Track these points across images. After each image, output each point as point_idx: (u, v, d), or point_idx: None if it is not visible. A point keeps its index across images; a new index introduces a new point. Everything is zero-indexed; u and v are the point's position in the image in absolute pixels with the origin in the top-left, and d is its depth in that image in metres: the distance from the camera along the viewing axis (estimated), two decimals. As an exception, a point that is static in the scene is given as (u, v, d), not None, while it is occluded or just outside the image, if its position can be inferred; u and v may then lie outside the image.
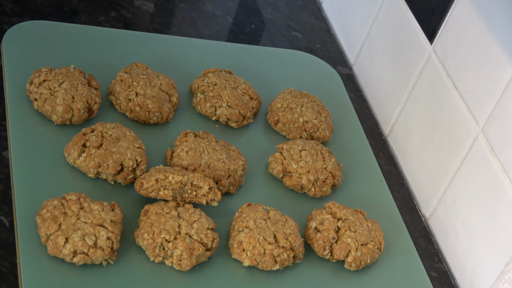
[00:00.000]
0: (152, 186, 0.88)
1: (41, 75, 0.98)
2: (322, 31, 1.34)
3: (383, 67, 1.20)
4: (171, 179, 0.88)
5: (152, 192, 0.88)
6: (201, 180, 0.89)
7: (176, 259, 0.86)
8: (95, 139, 0.93)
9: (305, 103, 1.09)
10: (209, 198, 0.90)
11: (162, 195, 0.88)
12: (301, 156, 1.01)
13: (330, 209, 0.96)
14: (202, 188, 0.89)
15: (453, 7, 1.05)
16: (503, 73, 0.95)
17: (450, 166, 1.03)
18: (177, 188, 0.88)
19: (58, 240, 0.82)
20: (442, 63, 1.07)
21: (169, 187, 0.88)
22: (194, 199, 0.90)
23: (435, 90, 1.08)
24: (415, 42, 1.12)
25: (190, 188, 0.89)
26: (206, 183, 0.89)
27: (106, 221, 0.85)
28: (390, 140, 1.17)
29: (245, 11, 1.32)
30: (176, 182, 0.88)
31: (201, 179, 0.89)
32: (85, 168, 0.92)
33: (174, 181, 0.88)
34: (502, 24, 0.95)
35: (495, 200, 0.95)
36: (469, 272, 0.99)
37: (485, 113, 0.98)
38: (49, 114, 0.96)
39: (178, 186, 0.88)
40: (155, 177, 0.88)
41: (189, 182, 0.89)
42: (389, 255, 0.98)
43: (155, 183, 0.88)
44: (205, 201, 0.90)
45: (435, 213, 1.06)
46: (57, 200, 0.85)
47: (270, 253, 0.89)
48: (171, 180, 0.88)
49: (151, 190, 0.88)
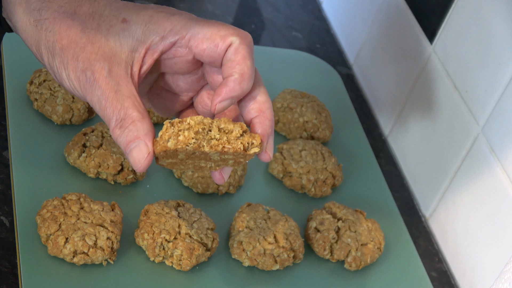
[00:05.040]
0: (167, 131, 0.65)
1: (41, 75, 0.98)
2: (322, 31, 1.34)
3: (383, 67, 1.20)
4: (189, 121, 0.66)
5: (170, 139, 0.65)
6: (230, 123, 0.67)
7: (176, 259, 0.86)
8: (95, 139, 0.93)
9: (305, 103, 1.09)
10: (246, 142, 0.67)
11: (182, 141, 0.65)
12: (301, 156, 1.01)
13: (330, 209, 0.96)
14: (234, 131, 0.67)
15: (453, 7, 1.05)
16: (503, 73, 0.95)
17: (450, 166, 1.03)
18: (200, 131, 0.66)
19: (58, 240, 0.82)
20: (442, 63, 1.06)
21: (190, 129, 0.66)
22: (226, 145, 0.66)
23: (435, 90, 1.08)
24: (415, 42, 1.12)
25: (218, 134, 0.67)
26: (237, 126, 0.67)
27: (106, 221, 0.85)
28: (390, 140, 1.17)
29: (245, 11, 1.32)
30: (197, 123, 0.66)
31: (229, 122, 0.67)
32: (85, 168, 0.92)
33: (194, 122, 0.66)
34: (502, 24, 0.95)
35: (495, 200, 0.95)
36: (469, 272, 0.99)
37: (485, 113, 0.98)
38: (49, 114, 0.96)
39: (200, 128, 0.66)
40: (168, 122, 0.66)
41: (214, 125, 0.66)
42: (389, 255, 0.98)
43: (169, 127, 0.66)
44: (241, 146, 0.67)
45: (435, 213, 1.06)
46: (57, 200, 0.85)
47: (270, 253, 0.89)
48: (190, 122, 0.66)
49: (167, 137, 0.65)
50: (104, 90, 0.65)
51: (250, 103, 0.68)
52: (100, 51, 0.65)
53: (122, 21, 0.66)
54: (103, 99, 0.65)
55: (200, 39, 0.66)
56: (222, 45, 0.66)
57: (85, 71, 0.65)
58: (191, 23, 0.66)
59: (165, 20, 0.66)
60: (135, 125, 0.64)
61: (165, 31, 0.66)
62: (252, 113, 0.68)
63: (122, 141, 0.65)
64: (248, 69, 0.66)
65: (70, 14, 0.67)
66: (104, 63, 0.65)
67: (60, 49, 0.66)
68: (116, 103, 0.64)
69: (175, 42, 0.67)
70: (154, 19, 0.66)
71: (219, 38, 0.66)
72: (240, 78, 0.66)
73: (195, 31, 0.66)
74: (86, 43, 0.66)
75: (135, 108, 0.65)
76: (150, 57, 0.67)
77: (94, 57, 0.65)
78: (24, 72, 1.00)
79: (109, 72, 0.65)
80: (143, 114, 0.65)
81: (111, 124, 0.65)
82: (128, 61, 0.66)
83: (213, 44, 0.66)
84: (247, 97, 0.68)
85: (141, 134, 0.64)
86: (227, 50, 0.66)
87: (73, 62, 0.65)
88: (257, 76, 0.69)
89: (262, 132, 0.67)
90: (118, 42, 0.66)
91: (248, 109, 0.68)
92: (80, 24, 0.66)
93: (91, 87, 0.65)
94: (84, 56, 0.65)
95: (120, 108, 0.64)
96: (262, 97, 0.68)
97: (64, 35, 0.66)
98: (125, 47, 0.66)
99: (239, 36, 0.66)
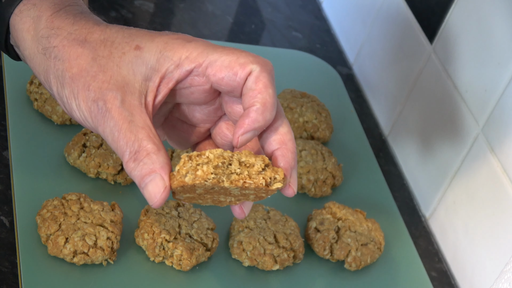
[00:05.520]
0: (184, 165, 0.61)
1: (41, 75, 0.98)
2: (322, 31, 1.34)
3: (383, 67, 1.20)
4: (208, 154, 0.62)
5: (187, 174, 0.61)
6: (251, 156, 0.63)
7: (176, 259, 0.86)
8: (95, 139, 0.93)
9: (305, 103, 1.09)
10: (268, 176, 0.63)
11: (201, 176, 0.61)
12: (301, 156, 1.01)
13: (330, 209, 0.96)
14: (255, 165, 0.63)
15: (453, 7, 1.05)
16: (503, 73, 0.95)
17: (450, 166, 1.03)
18: (219, 165, 0.62)
19: (58, 240, 0.82)
20: (442, 63, 1.06)
21: (209, 163, 0.62)
22: (247, 180, 0.62)
23: (435, 90, 1.08)
24: (415, 42, 1.12)
25: (238, 168, 0.63)
26: (259, 159, 0.63)
27: (106, 221, 0.85)
28: (390, 140, 1.17)
29: (245, 11, 1.32)
30: (216, 156, 0.62)
31: (251, 155, 0.63)
32: (85, 168, 0.92)
33: (213, 155, 0.62)
34: (502, 24, 0.95)
35: (495, 200, 0.95)
36: (469, 272, 0.99)
37: (485, 113, 0.98)
38: (49, 114, 0.96)
39: (220, 162, 0.62)
40: (186, 155, 0.63)
41: (235, 159, 0.63)
42: (389, 255, 0.98)
43: (187, 161, 0.61)
44: (263, 181, 0.63)
45: (435, 213, 1.06)
46: (57, 200, 0.85)
47: (270, 253, 0.89)
48: (209, 155, 0.62)
49: (185, 172, 0.61)
50: (117, 120, 0.61)
51: (271, 134, 0.64)
52: (113, 79, 0.62)
53: (135, 48, 0.63)
54: (116, 131, 0.61)
55: (218, 67, 0.62)
56: (241, 73, 0.62)
57: (97, 101, 0.62)
58: (208, 50, 0.63)
59: (180, 47, 0.63)
60: (150, 157, 0.61)
61: (180, 59, 0.63)
62: (274, 145, 0.64)
63: (137, 174, 0.61)
64: (270, 98, 0.62)
65: (80, 42, 0.64)
66: (116, 92, 0.62)
67: (70, 78, 0.63)
68: (129, 134, 0.61)
69: (191, 71, 0.63)
70: (169, 46, 0.63)
71: (238, 66, 0.62)
72: (262, 107, 0.62)
73: (213, 58, 0.62)
74: (98, 72, 0.62)
75: (150, 140, 0.61)
76: (165, 86, 0.63)
77: (106, 86, 0.62)
78: (24, 72, 1.00)
79: (122, 102, 0.61)
80: (158, 146, 0.61)
81: (125, 157, 0.61)
82: (142, 91, 0.63)
83: (232, 72, 0.62)
84: (269, 128, 0.64)
85: (157, 167, 0.61)
86: (247, 79, 0.62)
87: (84, 91, 0.62)
88: (278, 106, 0.64)
89: (285, 165, 0.64)
90: (131, 70, 0.63)
91: (270, 141, 0.64)
92: (91, 52, 0.63)
93: (103, 117, 0.61)
94: (95, 85, 0.62)
95: (134, 139, 0.61)
96: (284, 128, 0.64)
97: (74, 64, 0.63)
98: (139, 75, 0.63)
99: (259, 64, 0.62)
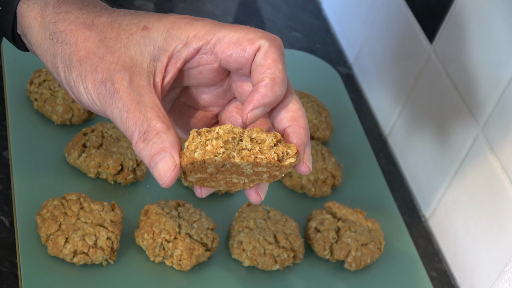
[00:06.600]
0: (193, 141, 0.60)
1: (41, 75, 0.98)
2: (322, 31, 1.34)
3: (383, 67, 1.20)
4: (218, 130, 0.60)
5: (197, 150, 0.59)
6: (262, 132, 0.61)
7: (176, 259, 0.86)
8: (95, 139, 0.93)
9: (305, 103, 1.09)
10: (280, 151, 0.60)
11: (211, 150, 0.59)
12: (301, 156, 1.01)
13: (330, 209, 0.96)
14: (267, 140, 0.61)
15: (453, 7, 1.05)
16: (503, 73, 0.95)
17: (450, 166, 1.03)
18: (230, 141, 0.60)
19: (58, 240, 0.82)
20: (442, 63, 1.06)
21: (219, 139, 0.60)
22: (258, 155, 0.60)
23: (435, 90, 1.08)
24: (415, 42, 1.12)
25: (249, 144, 0.61)
26: (270, 135, 0.61)
27: (106, 221, 0.85)
28: (390, 140, 1.17)
29: (245, 11, 1.32)
30: (226, 132, 0.60)
31: (262, 131, 0.61)
32: (85, 168, 0.92)
33: (223, 131, 0.60)
34: (502, 24, 0.95)
35: (495, 200, 0.95)
36: (469, 272, 0.99)
37: (485, 113, 0.98)
38: (49, 114, 0.96)
39: (230, 138, 0.60)
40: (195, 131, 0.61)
41: (246, 135, 0.61)
42: (389, 255, 0.98)
43: (196, 137, 0.60)
44: (275, 156, 0.60)
45: (435, 213, 1.06)
46: (57, 200, 0.85)
47: (270, 253, 0.89)
48: (219, 131, 0.60)
49: (194, 147, 0.59)
50: (125, 101, 0.60)
51: (282, 111, 0.62)
52: (120, 60, 0.62)
53: (142, 28, 0.63)
54: (125, 111, 0.60)
55: (227, 43, 0.62)
56: (250, 49, 0.61)
57: (105, 82, 0.61)
58: (216, 28, 0.62)
59: (188, 26, 0.62)
60: (160, 136, 0.60)
61: (188, 37, 0.62)
62: (285, 123, 0.62)
63: (146, 154, 0.60)
64: (280, 73, 0.61)
65: (88, 25, 0.63)
66: (124, 73, 0.61)
67: (78, 61, 0.62)
68: (138, 114, 0.60)
69: (199, 49, 0.62)
70: (177, 25, 0.62)
71: (247, 41, 0.61)
72: (272, 82, 0.61)
73: (221, 35, 0.62)
74: (105, 53, 0.62)
75: (159, 119, 0.60)
76: (173, 66, 0.63)
77: (114, 67, 0.61)
78: (24, 72, 1.00)
79: (130, 82, 0.61)
80: (168, 125, 0.60)
81: (134, 137, 0.60)
82: (150, 71, 0.62)
83: (240, 48, 0.61)
84: (279, 105, 0.63)
85: (167, 145, 0.60)
86: (256, 55, 0.61)
87: (92, 73, 0.62)
88: (288, 83, 0.63)
89: (298, 141, 0.61)
90: (139, 50, 0.62)
91: (280, 118, 0.62)
92: (98, 34, 0.63)
93: (111, 98, 0.61)
94: (103, 67, 0.61)
95: (143, 119, 0.60)
96: (294, 105, 0.62)
97: (81, 47, 0.62)
98: (147, 56, 0.62)
99: (268, 39, 0.61)
